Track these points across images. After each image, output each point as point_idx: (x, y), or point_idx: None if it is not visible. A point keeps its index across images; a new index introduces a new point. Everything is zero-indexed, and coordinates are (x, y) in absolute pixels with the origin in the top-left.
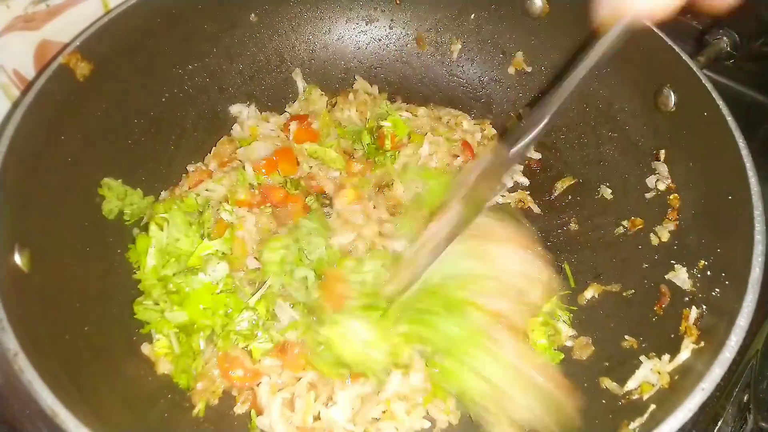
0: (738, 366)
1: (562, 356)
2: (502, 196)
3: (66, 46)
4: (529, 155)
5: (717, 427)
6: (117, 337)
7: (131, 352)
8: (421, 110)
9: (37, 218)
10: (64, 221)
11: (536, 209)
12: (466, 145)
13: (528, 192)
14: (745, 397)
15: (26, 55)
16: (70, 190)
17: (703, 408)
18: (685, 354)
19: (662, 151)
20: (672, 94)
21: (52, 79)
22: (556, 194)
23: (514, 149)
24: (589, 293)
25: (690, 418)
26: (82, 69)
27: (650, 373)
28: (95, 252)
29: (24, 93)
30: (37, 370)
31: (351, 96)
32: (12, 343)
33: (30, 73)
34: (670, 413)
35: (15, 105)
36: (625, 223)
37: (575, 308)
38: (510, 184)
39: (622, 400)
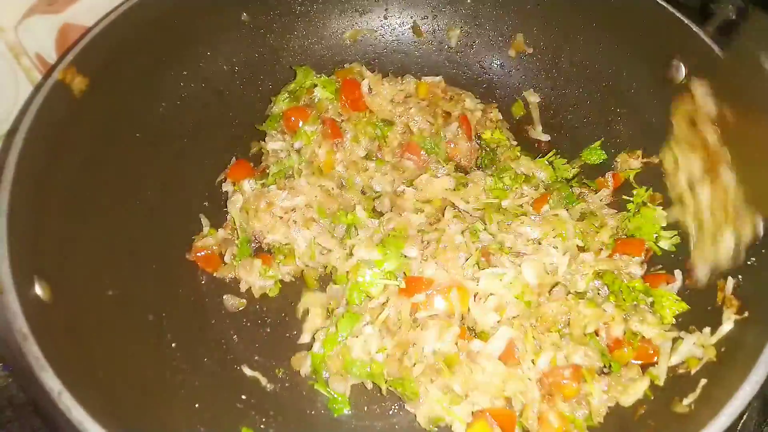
0: None
1: None
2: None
3: (60, 60)
4: (537, 137)
5: (742, 421)
6: (143, 357)
7: (159, 371)
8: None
9: (50, 246)
10: (77, 246)
11: None
12: (463, 119)
13: None
14: None
15: (48, 38)
16: (79, 213)
17: None
18: (727, 325)
19: None
20: (682, 65)
21: (49, 98)
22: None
23: None
24: None
25: None
26: (79, 84)
27: (694, 348)
28: (110, 275)
29: (45, 77)
30: (83, 405)
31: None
32: (54, 382)
33: (52, 56)
34: (735, 387)
35: (37, 88)
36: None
37: None
38: None
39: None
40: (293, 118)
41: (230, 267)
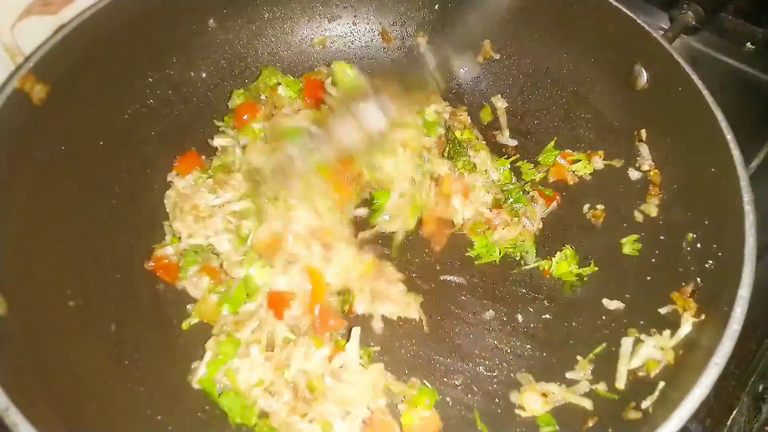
0: (754, 356)
1: None
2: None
3: (17, 69)
4: (505, 142)
5: (732, 417)
6: (103, 371)
7: (119, 383)
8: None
9: (8, 258)
10: (37, 257)
11: None
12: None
13: None
14: (761, 387)
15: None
16: (40, 224)
17: (718, 397)
18: (686, 328)
19: (643, 131)
20: (644, 71)
21: (6, 107)
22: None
23: None
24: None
25: (706, 406)
26: (39, 92)
27: (654, 350)
28: (72, 285)
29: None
30: (31, 421)
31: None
32: (1, 398)
33: None
34: (687, 390)
35: None
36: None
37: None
38: None
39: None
40: (246, 116)
41: None
